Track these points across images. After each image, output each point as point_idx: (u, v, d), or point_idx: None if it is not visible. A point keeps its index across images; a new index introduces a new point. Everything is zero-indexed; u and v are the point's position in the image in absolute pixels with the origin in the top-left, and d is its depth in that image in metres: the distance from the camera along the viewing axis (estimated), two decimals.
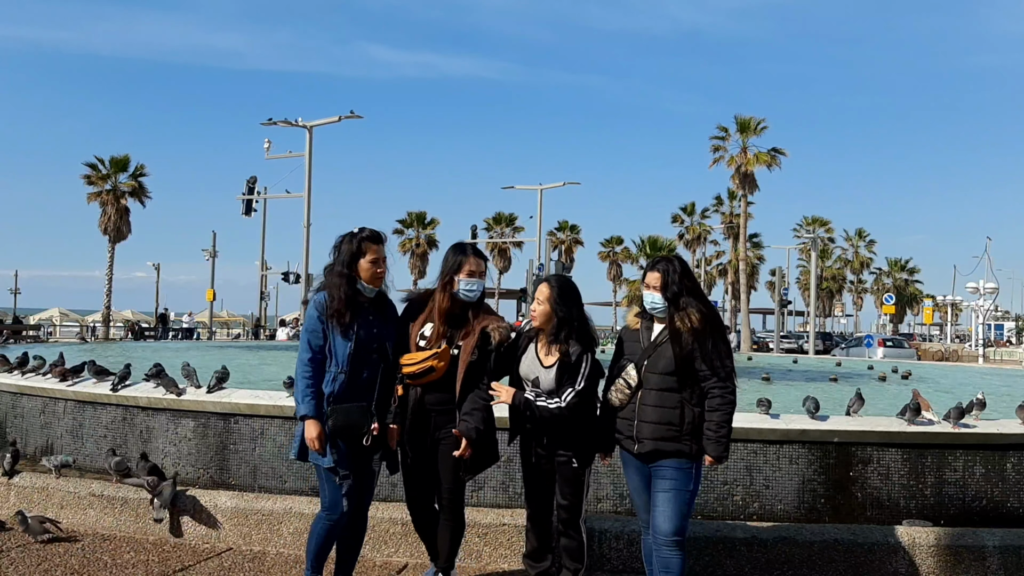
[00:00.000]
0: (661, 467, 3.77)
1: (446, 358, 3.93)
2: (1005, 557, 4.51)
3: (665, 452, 3.73)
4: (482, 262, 4.09)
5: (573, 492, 4.09)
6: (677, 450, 3.72)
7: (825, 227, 59.23)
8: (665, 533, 3.69)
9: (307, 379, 3.86)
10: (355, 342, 3.87)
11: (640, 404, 3.79)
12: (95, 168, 39.48)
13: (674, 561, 3.71)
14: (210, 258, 44.40)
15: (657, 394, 3.76)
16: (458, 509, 4.08)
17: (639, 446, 3.78)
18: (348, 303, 3.87)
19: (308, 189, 29.91)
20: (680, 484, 3.73)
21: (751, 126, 39.48)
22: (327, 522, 3.93)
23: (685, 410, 3.73)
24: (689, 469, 3.75)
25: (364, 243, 3.95)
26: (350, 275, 3.92)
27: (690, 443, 3.72)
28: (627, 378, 3.84)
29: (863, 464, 5.38)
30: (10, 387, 7.86)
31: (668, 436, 3.72)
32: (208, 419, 6.27)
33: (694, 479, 3.77)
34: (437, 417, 3.97)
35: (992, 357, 43.98)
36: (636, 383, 3.82)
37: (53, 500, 5.46)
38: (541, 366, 4.03)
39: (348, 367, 3.86)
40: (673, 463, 3.74)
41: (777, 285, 44.18)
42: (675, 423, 3.72)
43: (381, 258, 3.98)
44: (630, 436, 3.82)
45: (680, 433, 3.72)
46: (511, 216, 58.88)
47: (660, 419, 3.73)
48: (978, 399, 5.74)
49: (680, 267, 3.87)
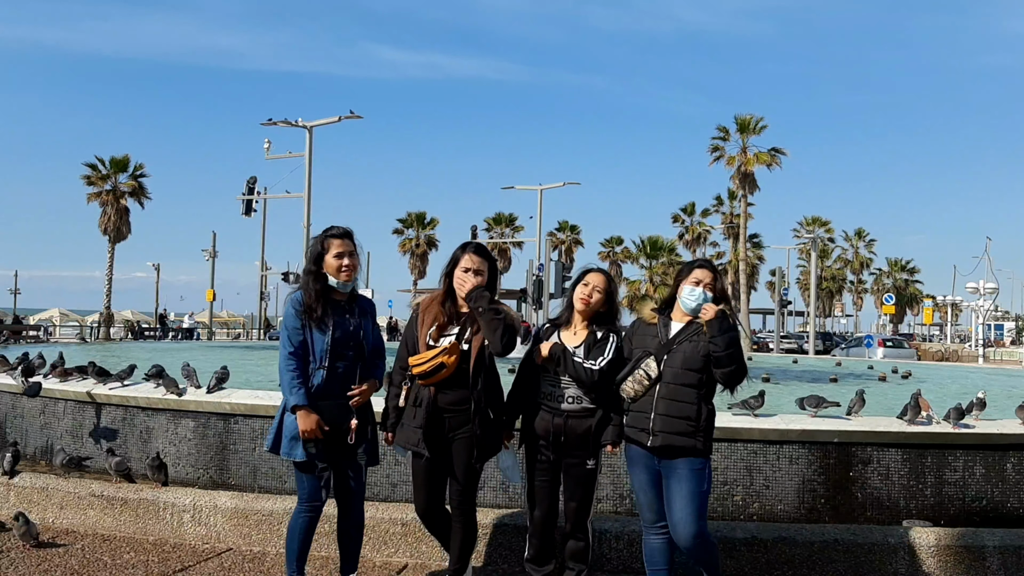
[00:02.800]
0: (675, 467, 3.78)
1: (456, 353, 3.91)
2: (1005, 557, 4.51)
3: (678, 448, 3.76)
4: (481, 259, 4.04)
5: (584, 493, 4.08)
6: (691, 446, 3.75)
7: (825, 227, 59.29)
8: (687, 536, 3.74)
9: (292, 371, 3.91)
10: (331, 338, 3.93)
11: (658, 398, 3.82)
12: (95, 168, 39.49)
13: (704, 555, 3.80)
14: (210, 258, 44.43)
15: (676, 388, 3.80)
16: (470, 510, 4.06)
17: (653, 439, 3.79)
18: (320, 299, 3.95)
19: (308, 189, 29.92)
20: (696, 486, 3.77)
21: (751, 126, 39.50)
22: (307, 515, 3.99)
23: (701, 406, 3.79)
24: (702, 469, 3.79)
25: (327, 240, 4.02)
26: (318, 271, 4.00)
27: (703, 440, 3.77)
28: (647, 370, 3.86)
29: (863, 464, 5.38)
30: (10, 387, 7.85)
31: (684, 431, 3.75)
32: (208, 419, 6.27)
33: (707, 478, 3.82)
34: (451, 418, 3.96)
35: (992, 357, 43.97)
36: (656, 376, 3.84)
37: (53, 500, 5.46)
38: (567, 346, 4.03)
39: (325, 362, 3.93)
40: (687, 463, 3.76)
41: (777, 285, 44.16)
42: (692, 418, 3.76)
43: (347, 251, 4.01)
44: (644, 429, 3.83)
45: (696, 428, 3.76)
46: (511, 216, 58.95)
47: (678, 413, 3.77)
48: (978, 399, 5.74)
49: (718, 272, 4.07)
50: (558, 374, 4.02)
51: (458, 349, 3.93)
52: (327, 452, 3.94)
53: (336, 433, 3.94)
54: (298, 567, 4.02)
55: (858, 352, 32.64)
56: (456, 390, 3.94)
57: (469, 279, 3.98)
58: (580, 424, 3.98)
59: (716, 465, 5.34)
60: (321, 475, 3.95)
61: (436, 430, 3.96)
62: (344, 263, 3.99)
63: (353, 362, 4.01)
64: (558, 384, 4.02)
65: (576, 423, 3.98)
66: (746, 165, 39.14)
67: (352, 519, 4.14)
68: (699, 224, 54.90)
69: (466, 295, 3.94)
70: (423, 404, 3.95)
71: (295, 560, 4.01)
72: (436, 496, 4.10)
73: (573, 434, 3.99)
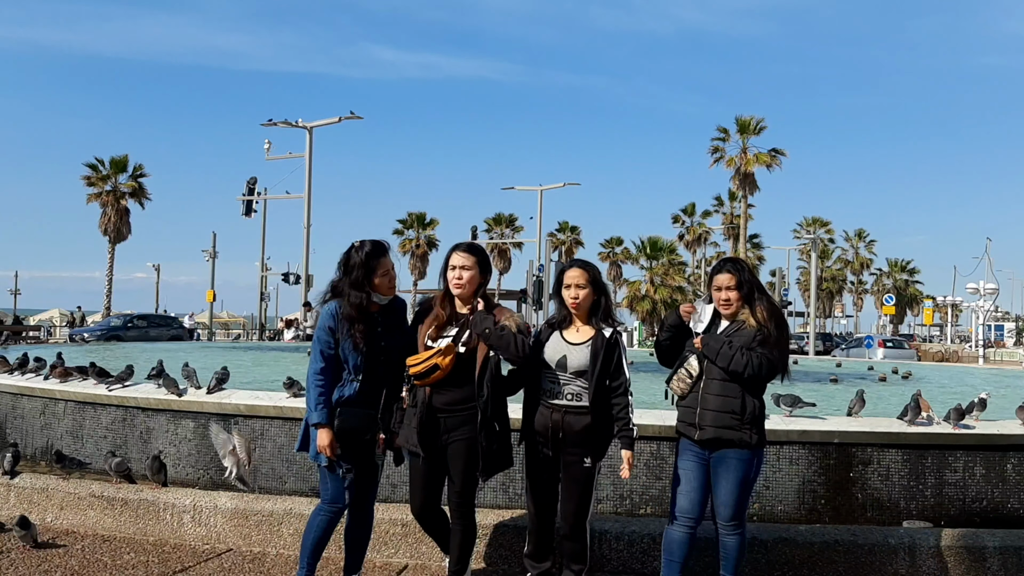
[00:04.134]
0: (724, 458, 3.91)
1: (451, 354, 3.92)
2: (1005, 558, 4.50)
3: (726, 440, 3.88)
4: (468, 256, 4.04)
5: (582, 492, 4.07)
6: (739, 439, 3.88)
7: (825, 227, 59.33)
8: (727, 517, 3.93)
9: (319, 387, 3.95)
10: (365, 350, 3.96)
11: (703, 393, 3.95)
12: (95, 169, 39.53)
13: (731, 542, 3.96)
14: (210, 259, 44.43)
15: (720, 384, 3.91)
16: (468, 512, 4.06)
17: (700, 432, 3.93)
18: (360, 312, 3.97)
19: (308, 190, 29.96)
20: (741, 474, 3.90)
21: (751, 126, 39.57)
22: (328, 514, 4.04)
23: (746, 400, 3.88)
24: (751, 459, 3.92)
25: (374, 260, 4.01)
26: (366, 289, 4.00)
27: (751, 432, 3.87)
28: (689, 368, 4.00)
29: (863, 465, 5.38)
30: (10, 388, 7.86)
31: (730, 424, 3.87)
32: (208, 420, 6.26)
33: (755, 468, 3.95)
34: (447, 419, 3.97)
35: (992, 358, 43.96)
36: (697, 374, 3.97)
37: (53, 501, 5.46)
38: (569, 344, 4.05)
39: (358, 374, 3.97)
40: (735, 453, 3.90)
41: (777, 286, 44.12)
42: (736, 412, 3.87)
43: (390, 266, 4.09)
44: (692, 423, 3.96)
45: (741, 422, 3.87)
46: (511, 217, 59.02)
47: (722, 407, 3.89)
48: (979, 399, 5.74)
49: (748, 267, 4.10)
50: (555, 371, 4.04)
51: (453, 350, 3.93)
52: (351, 456, 3.98)
53: (359, 439, 3.97)
54: (309, 565, 4.06)
55: (858, 353, 32.63)
56: (452, 391, 3.95)
57: (455, 275, 4.02)
58: (578, 421, 3.99)
59: None
60: (345, 477, 4.00)
61: (432, 431, 3.97)
62: (391, 282, 4.06)
63: (384, 374, 4.03)
64: (557, 381, 4.03)
65: (574, 419, 3.99)
66: (746, 166, 39.21)
67: (363, 520, 4.16)
68: (699, 225, 55.00)
69: (471, 324, 3.96)
70: (418, 405, 3.98)
71: (307, 557, 4.05)
72: (432, 497, 4.10)
73: (571, 430, 4.00)
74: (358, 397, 3.96)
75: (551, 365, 4.04)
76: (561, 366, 4.02)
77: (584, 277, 4.09)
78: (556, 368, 4.03)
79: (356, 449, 3.98)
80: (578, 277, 4.09)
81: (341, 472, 3.98)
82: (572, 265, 4.19)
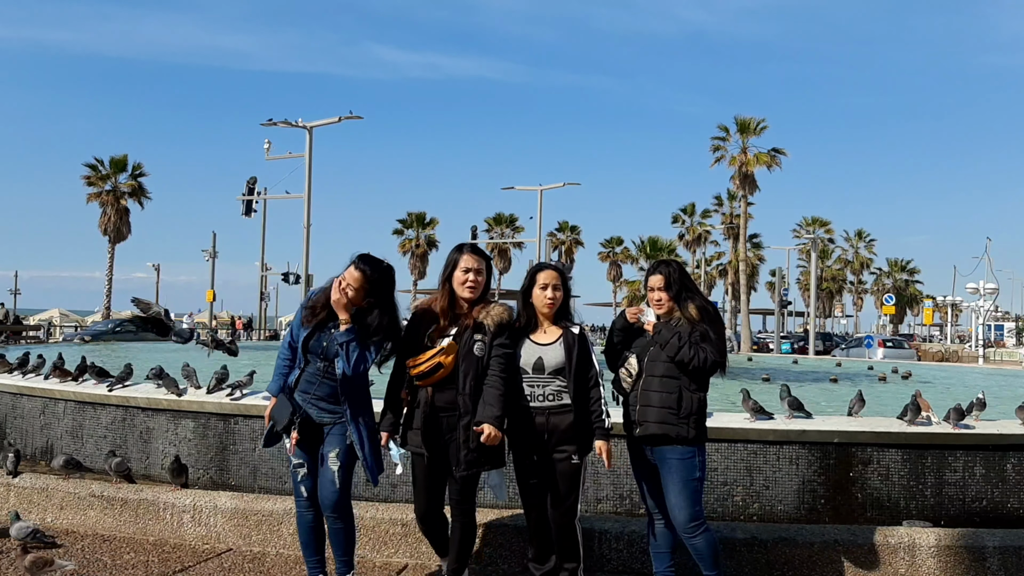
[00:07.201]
0: (665, 457, 3.96)
1: (453, 353, 3.95)
2: (1005, 558, 4.51)
3: (665, 436, 3.93)
4: (480, 259, 4.09)
5: (569, 488, 4.08)
6: (677, 434, 3.92)
7: (825, 227, 59.20)
8: (682, 522, 3.93)
9: (281, 360, 4.20)
10: (303, 342, 4.08)
11: (642, 390, 4.03)
12: (95, 168, 39.54)
13: (700, 543, 3.94)
14: (210, 259, 44.42)
15: (659, 380, 4.00)
16: (468, 510, 4.07)
17: (640, 428, 4.00)
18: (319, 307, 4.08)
19: (308, 190, 29.95)
20: (686, 474, 3.93)
21: (751, 126, 39.53)
22: (297, 511, 4.20)
23: (683, 395, 3.95)
24: (692, 457, 3.95)
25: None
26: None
27: (687, 427, 3.92)
28: (629, 368, 4.11)
29: (863, 465, 5.38)
30: (10, 388, 7.86)
31: (666, 420, 3.93)
32: (208, 420, 6.27)
33: (699, 466, 3.98)
34: (448, 418, 3.97)
35: (992, 358, 43.96)
36: (636, 372, 4.06)
37: (53, 501, 5.46)
38: (541, 346, 4.08)
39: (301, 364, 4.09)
40: (676, 452, 3.94)
41: (777, 286, 44.19)
42: (673, 408, 3.94)
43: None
44: (632, 420, 4.05)
45: (678, 416, 3.93)
46: (511, 217, 58.96)
47: (661, 404, 3.96)
48: (978, 399, 5.74)
49: (678, 268, 4.18)
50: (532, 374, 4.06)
51: (455, 349, 3.95)
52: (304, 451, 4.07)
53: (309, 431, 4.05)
54: (308, 563, 4.18)
55: (858, 352, 32.64)
56: (453, 390, 3.96)
57: (471, 279, 4.03)
58: (563, 420, 4.02)
59: (716, 465, 5.35)
60: (296, 471, 4.11)
61: (434, 431, 3.97)
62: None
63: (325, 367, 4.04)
64: (536, 383, 4.05)
65: (558, 419, 4.02)
66: (746, 165, 39.17)
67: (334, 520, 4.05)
68: (699, 224, 54.92)
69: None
70: (420, 405, 3.99)
71: (305, 555, 4.20)
72: (436, 499, 4.11)
73: (556, 430, 4.02)
74: (295, 386, 4.07)
75: (527, 369, 4.06)
76: (538, 368, 4.04)
77: (558, 278, 4.16)
78: (533, 371, 4.05)
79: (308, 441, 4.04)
80: (555, 278, 4.15)
81: (291, 467, 4.14)
82: (548, 267, 4.25)
